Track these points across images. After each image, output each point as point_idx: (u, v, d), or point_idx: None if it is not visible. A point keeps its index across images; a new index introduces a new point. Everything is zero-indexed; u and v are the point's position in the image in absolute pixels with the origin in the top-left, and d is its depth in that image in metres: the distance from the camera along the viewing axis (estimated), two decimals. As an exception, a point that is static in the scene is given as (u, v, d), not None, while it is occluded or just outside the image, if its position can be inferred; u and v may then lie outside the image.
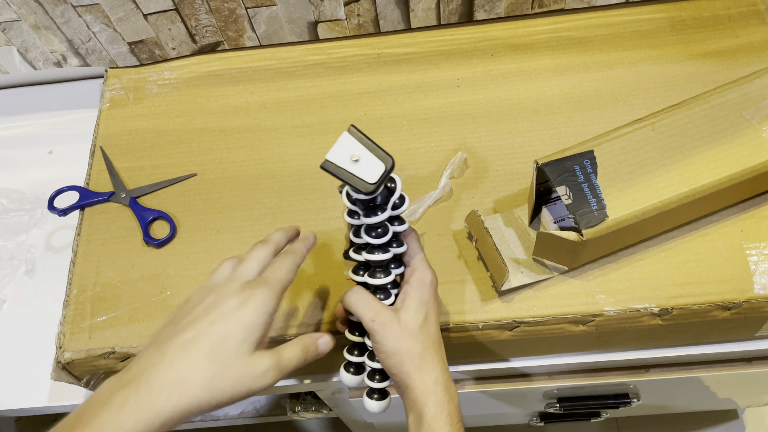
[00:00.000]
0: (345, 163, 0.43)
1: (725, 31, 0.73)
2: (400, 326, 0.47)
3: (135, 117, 0.75)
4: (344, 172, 0.43)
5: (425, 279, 0.50)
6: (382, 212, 0.46)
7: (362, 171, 0.43)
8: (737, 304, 0.57)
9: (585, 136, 0.58)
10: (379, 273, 0.50)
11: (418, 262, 0.51)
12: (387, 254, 0.49)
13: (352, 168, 0.43)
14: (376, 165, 0.43)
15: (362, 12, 0.74)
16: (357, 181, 0.43)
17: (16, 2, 0.69)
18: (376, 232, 0.48)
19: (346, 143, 0.44)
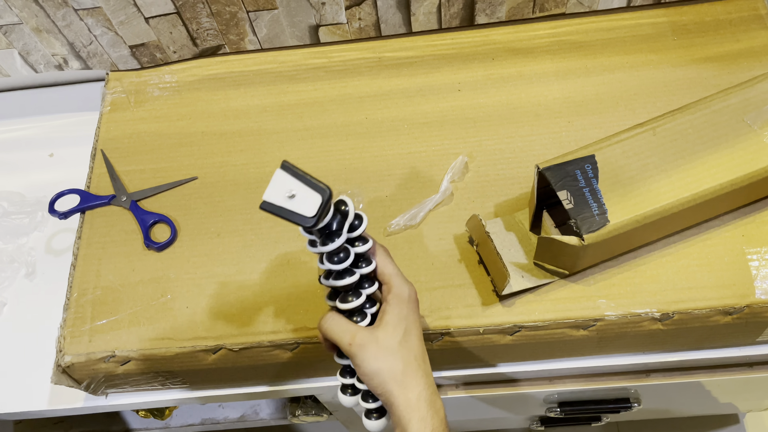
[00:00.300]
0: (282, 201, 0.43)
1: (726, 36, 0.73)
2: (378, 346, 0.47)
3: (136, 120, 0.75)
4: (283, 210, 0.43)
5: (402, 294, 0.49)
6: (338, 237, 0.46)
7: (300, 206, 0.43)
8: (738, 309, 0.57)
9: (586, 141, 0.58)
10: (349, 296, 0.49)
11: (392, 278, 0.50)
12: (353, 277, 0.48)
13: (290, 204, 0.43)
14: (313, 197, 0.43)
15: (363, 16, 0.74)
16: (296, 217, 0.43)
17: (18, 5, 0.69)
18: (337, 257, 0.47)
19: (281, 180, 0.43)
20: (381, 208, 0.65)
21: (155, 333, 0.61)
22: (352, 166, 0.69)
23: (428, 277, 0.61)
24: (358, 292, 0.50)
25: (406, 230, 0.64)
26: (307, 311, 0.60)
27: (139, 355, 0.60)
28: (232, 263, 0.64)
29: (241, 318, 0.61)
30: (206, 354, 0.60)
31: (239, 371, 0.63)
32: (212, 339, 0.60)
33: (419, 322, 0.50)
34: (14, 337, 0.68)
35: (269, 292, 0.62)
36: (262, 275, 0.63)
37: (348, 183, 0.67)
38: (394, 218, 0.64)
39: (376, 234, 0.64)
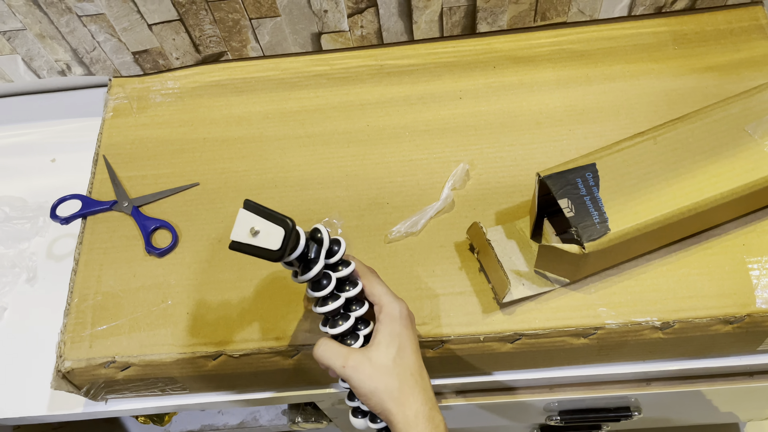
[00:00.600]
0: (247, 239, 0.45)
1: (727, 46, 0.73)
2: (372, 365, 0.48)
3: (138, 126, 0.75)
4: (249, 247, 0.45)
5: (393, 312, 0.50)
6: (315, 265, 0.47)
7: (264, 241, 0.45)
8: (739, 318, 0.57)
9: (587, 149, 0.58)
10: (338, 320, 0.50)
11: (381, 297, 0.51)
12: (338, 301, 0.49)
13: (255, 241, 0.45)
14: (276, 231, 0.45)
15: (365, 24, 0.74)
16: (263, 252, 0.45)
17: (22, 11, 0.69)
18: (319, 284, 0.49)
19: (244, 219, 0.45)
20: (382, 215, 0.66)
21: (156, 339, 0.61)
22: (353, 172, 0.69)
23: (429, 284, 0.61)
24: (346, 315, 0.51)
25: (407, 237, 0.64)
26: (307, 318, 0.60)
27: (139, 360, 0.60)
28: (232, 269, 0.64)
29: (241, 324, 0.61)
30: (206, 360, 0.60)
31: (239, 378, 0.63)
32: (212, 345, 0.60)
33: (414, 338, 0.50)
34: (14, 341, 0.68)
35: (270, 299, 0.62)
36: (262, 282, 0.63)
37: (349, 190, 0.67)
38: (395, 225, 0.64)
39: (377, 241, 0.64)
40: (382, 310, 0.50)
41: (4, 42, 0.73)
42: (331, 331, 0.50)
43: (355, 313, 0.51)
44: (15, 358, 0.67)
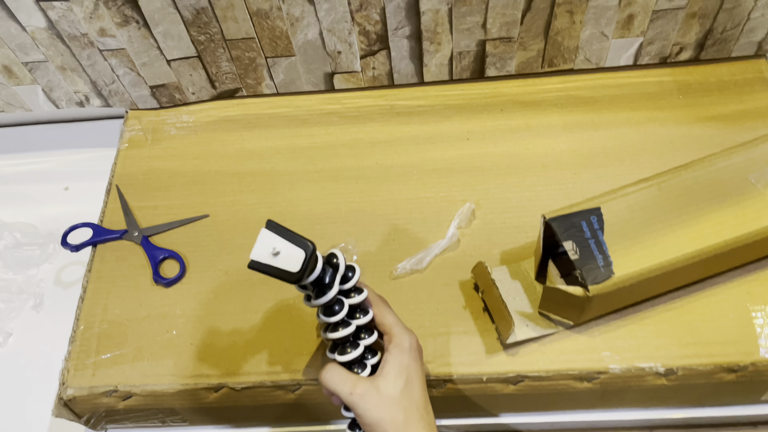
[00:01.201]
0: (268, 259, 0.45)
1: (731, 96, 0.75)
2: (379, 395, 0.47)
3: (152, 157, 0.76)
4: (269, 267, 0.45)
5: (403, 343, 0.49)
6: (329, 290, 0.48)
7: (284, 262, 0.45)
8: (743, 366, 0.56)
9: (592, 193, 0.59)
10: (347, 348, 0.50)
11: (392, 327, 0.50)
12: (348, 328, 0.49)
13: (275, 262, 0.45)
14: (297, 254, 0.45)
15: (377, 65, 0.76)
16: (282, 273, 0.45)
17: (45, 44, 0.72)
18: (332, 309, 0.49)
19: (266, 239, 0.45)
20: (388, 251, 0.66)
21: (158, 369, 0.61)
22: (360, 209, 0.70)
23: (433, 322, 0.61)
24: (356, 343, 0.50)
25: (412, 274, 0.64)
26: (310, 352, 0.60)
27: (141, 390, 0.60)
28: (238, 301, 0.64)
29: (244, 357, 0.61)
30: (208, 392, 0.60)
31: (240, 411, 0.63)
32: (215, 377, 0.60)
33: (422, 372, 0.50)
34: (18, 367, 0.68)
35: (274, 332, 0.62)
36: (267, 314, 0.63)
37: (356, 225, 0.68)
38: (401, 262, 0.65)
39: (382, 277, 0.64)
40: (392, 341, 0.50)
41: (26, 72, 0.75)
42: (339, 358, 0.50)
43: (365, 341, 0.51)
44: (18, 383, 0.67)
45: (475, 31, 0.72)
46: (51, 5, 0.67)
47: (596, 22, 0.72)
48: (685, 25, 0.73)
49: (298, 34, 0.72)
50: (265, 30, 0.72)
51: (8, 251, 0.75)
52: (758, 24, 0.73)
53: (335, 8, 0.69)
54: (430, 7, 0.69)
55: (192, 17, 0.70)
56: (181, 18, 0.70)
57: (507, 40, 0.73)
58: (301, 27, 0.71)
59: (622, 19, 0.71)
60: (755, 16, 0.72)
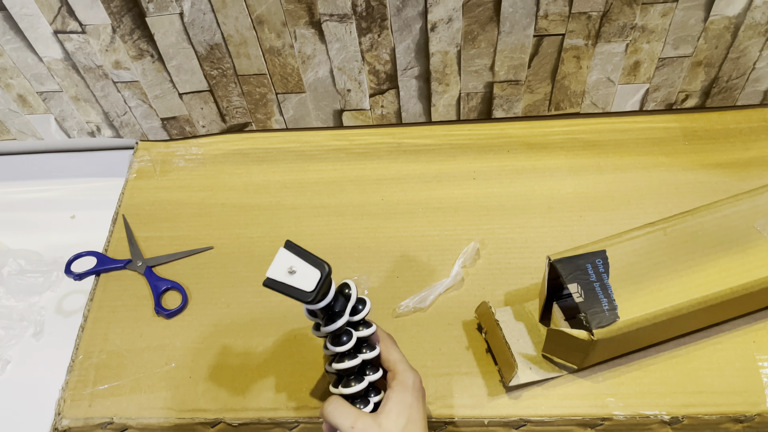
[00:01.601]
0: (283, 277, 0.45)
1: (736, 144, 0.75)
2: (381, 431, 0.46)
3: (159, 188, 0.77)
4: (284, 285, 0.45)
5: (407, 381, 0.49)
6: (340, 318, 0.47)
7: (300, 281, 0.45)
8: (749, 417, 0.55)
9: (597, 236, 0.59)
10: (352, 381, 0.49)
11: (396, 365, 0.50)
12: (355, 360, 0.49)
13: (290, 280, 0.45)
14: (313, 273, 0.45)
15: (386, 104, 0.77)
16: (296, 292, 0.45)
17: (60, 74, 0.73)
18: (339, 339, 0.48)
19: (283, 258, 0.45)
20: (391, 288, 0.66)
21: (156, 401, 0.60)
22: (365, 245, 0.70)
23: (435, 362, 0.60)
24: (360, 377, 0.50)
25: (415, 313, 0.64)
26: (309, 389, 0.60)
27: (137, 423, 0.59)
28: (238, 335, 0.64)
29: (243, 392, 0.60)
30: (205, 427, 0.59)
31: (236, 448, 0.62)
32: (212, 412, 0.59)
33: (424, 412, 0.49)
34: (15, 395, 0.67)
35: (273, 368, 0.61)
36: (267, 350, 0.63)
37: (360, 262, 0.68)
38: (404, 300, 0.64)
39: (385, 314, 0.64)
40: (395, 378, 0.49)
41: (40, 102, 0.77)
42: (343, 390, 0.49)
43: (370, 377, 0.50)
44: (14, 412, 0.66)
45: (483, 73, 0.73)
46: (68, 37, 0.68)
47: (603, 68, 0.73)
48: (691, 73, 0.74)
49: (309, 72, 0.74)
50: (277, 67, 0.73)
51: (12, 278, 0.75)
52: (763, 74, 0.74)
53: (346, 47, 0.70)
54: (439, 49, 0.70)
55: (205, 52, 0.71)
56: (195, 53, 0.71)
57: (514, 82, 0.75)
58: (312, 65, 0.73)
59: (629, 65, 0.73)
60: (760, 66, 0.73)
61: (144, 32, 0.68)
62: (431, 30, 0.68)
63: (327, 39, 0.70)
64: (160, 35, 0.69)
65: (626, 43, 0.70)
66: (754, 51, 0.71)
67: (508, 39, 0.69)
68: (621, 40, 0.70)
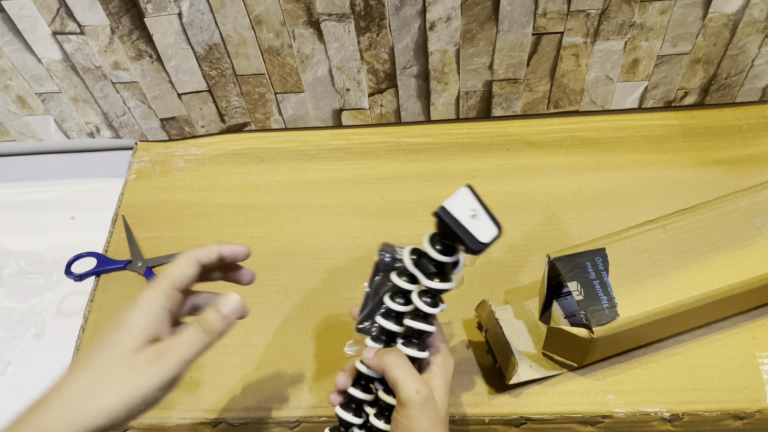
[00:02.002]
0: (461, 216, 0.42)
1: (735, 141, 0.75)
2: (436, 409, 0.44)
3: (159, 189, 0.77)
4: (458, 224, 0.42)
5: (449, 364, 0.47)
6: (449, 282, 0.45)
7: (476, 229, 0.42)
8: (749, 413, 0.55)
9: (596, 234, 0.59)
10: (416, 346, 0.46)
11: (442, 345, 0.48)
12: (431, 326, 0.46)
13: (468, 223, 0.42)
14: (490, 227, 0.42)
15: (385, 103, 0.77)
16: (470, 237, 0.42)
17: (60, 76, 0.73)
18: (435, 300, 0.45)
19: (464, 198, 0.42)
20: (391, 288, 0.66)
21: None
22: (365, 244, 0.70)
23: (435, 361, 0.60)
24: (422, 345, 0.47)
25: (416, 312, 0.64)
26: (310, 389, 0.60)
27: (138, 423, 0.59)
28: (238, 335, 0.64)
29: (243, 392, 0.60)
30: (205, 427, 0.59)
31: (238, 447, 0.62)
32: (213, 412, 0.59)
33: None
34: (15, 397, 0.67)
35: (274, 367, 0.61)
36: (268, 349, 0.63)
37: (360, 261, 0.68)
38: (404, 299, 0.64)
39: (385, 314, 0.64)
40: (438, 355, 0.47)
41: (39, 103, 0.77)
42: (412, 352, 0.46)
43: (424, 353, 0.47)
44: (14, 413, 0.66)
45: (482, 72, 0.74)
46: (67, 38, 0.68)
47: (602, 66, 0.73)
48: (690, 71, 0.74)
49: (308, 71, 0.74)
50: (276, 66, 0.73)
51: (12, 279, 0.75)
52: (762, 71, 0.74)
53: (345, 47, 0.70)
54: (438, 48, 0.70)
55: (204, 53, 0.71)
56: (194, 53, 0.71)
57: (513, 81, 0.75)
58: (311, 64, 0.73)
59: (628, 63, 0.73)
60: (759, 63, 0.73)
61: (143, 33, 0.68)
62: (430, 29, 0.68)
63: (326, 38, 0.70)
64: (159, 36, 0.69)
65: (625, 41, 0.70)
66: (752, 48, 0.71)
67: (507, 37, 0.69)
68: (620, 37, 0.70)
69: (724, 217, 0.58)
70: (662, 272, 0.55)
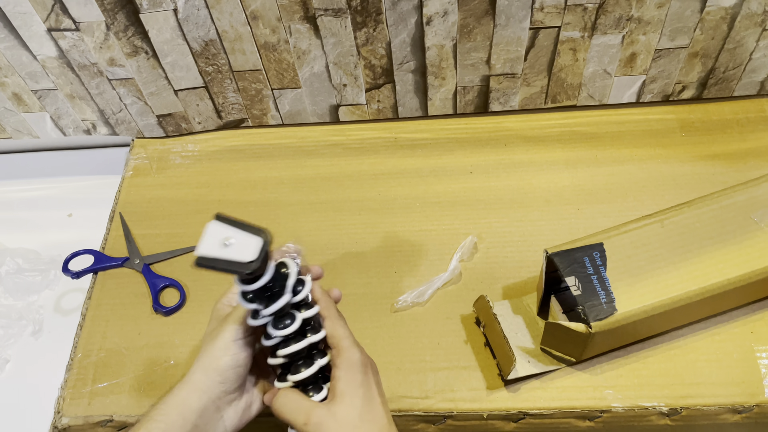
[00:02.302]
0: (218, 251, 0.39)
1: (733, 135, 0.75)
2: (337, 422, 0.42)
3: (156, 186, 0.77)
4: (220, 261, 0.39)
5: (352, 358, 0.45)
6: (281, 297, 0.43)
7: (238, 253, 0.39)
8: (747, 408, 0.56)
9: (594, 229, 0.59)
10: (301, 366, 0.45)
11: (341, 341, 0.46)
12: (302, 343, 0.45)
13: (227, 253, 0.39)
14: (253, 241, 0.39)
15: (382, 98, 0.77)
16: (235, 265, 0.39)
17: (55, 72, 0.73)
18: (283, 321, 0.44)
19: (215, 232, 0.40)
20: (389, 283, 0.66)
21: (155, 399, 0.60)
22: (363, 240, 0.70)
23: (433, 357, 0.60)
24: (309, 361, 0.46)
25: (414, 307, 0.64)
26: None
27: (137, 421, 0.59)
28: (238, 332, 0.64)
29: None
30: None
31: (236, 444, 0.62)
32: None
33: (379, 389, 0.46)
34: (14, 394, 0.68)
35: (273, 364, 0.61)
36: (267, 346, 0.63)
37: (358, 257, 0.68)
38: (402, 294, 0.64)
39: (383, 309, 0.64)
40: (340, 355, 0.45)
41: (35, 100, 0.76)
42: (293, 377, 0.45)
43: (320, 361, 0.46)
44: (13, 411, 0.67)
45: (479, 67, 0.73)
46: (62, 35, 0.68)
47: (599, 60, 0.73)
48: (688, 65, 0.74)
49: (304, 67, 0.73)
50: (272, 62, 0.73)
51: (9, 277, 0.75)
52: (760, 64, 0.74)
53: (342, 42, 0.70)
54: (435, 43, 0.70)
55: (200, 49, 0.71)
56: (190, 49, 0.71)
57: (511, 76, 0.74)
58: (307, 60, 0.72)
59: (625, 57, 0.72)
60: (757, 56, 0.73)
61: (138, 29, 0.68)
62: (427, 24, 0.68)
63: (322, 34, 0.69)
64: (155, 32, 0.69)
65: (622, 35, 0.70)
66: (750, 41, 0.71)
67: (504, 32, 0.69)
68: (617, 31, 0.70)
69: (722, 211, 0.58)
70: (660, 267, 0.55)
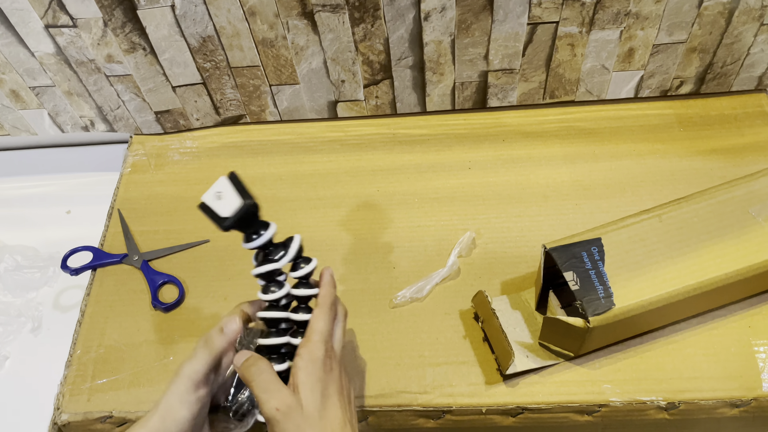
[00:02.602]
0: (211, 202, 0.45)
1: (731, 130, 0.75)
2: (302, 415, 0.42)
3: (154, 182, 0.77)
4: (209, 210, 0.45)
5: (315, 353, 0.45)
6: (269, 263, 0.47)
7: (222, 208, 0.44)
8: (745, 401, 0.56)
9: (593, 224, 0.59)
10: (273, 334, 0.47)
11: (313, 334, 0.45)
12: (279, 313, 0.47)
13: (215, 206, 0.45)
14: (234, 203, 0.44)
15: (380, 94, 0.77)
16: (214, 217, 0.45)
17: (53, 69, 0.73)
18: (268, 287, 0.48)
19: (220, 185, 0.46)
20: (388, 279, 0.66)
21: (155, 395, 0.60)
22: (361, 236, 0.70)
23: (432, 352, 0.61)
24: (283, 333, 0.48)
25: (412, 303, 0.64)
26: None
27: (137, 417, 0.59)
28: (237, 328, 0.64)
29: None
30: (204, 420, 0.59)
31: (236, 439, 0.62)
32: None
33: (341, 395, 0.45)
34: (13, 391, 0.68)
35: (272, 359, 0.61)
36: (266, 341, 0.63)
37: (356, 253, 0.68)
38: (401, 290, 0.64)
39: (382, 305, 0.64)
40: (305, 346, 0.45)
41: (33, 97, 0.76)
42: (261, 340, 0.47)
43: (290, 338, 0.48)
44: (13, 408, 0.67)
45: (477, 63, 0.73)
46: (60, 31, 0.68)
47: (597, 55, 0.73)
48: (686, 60, 0.74)
49: (302, 63, 0.73)
50: (270, 58, 0.73)
51: (8, 274, 0.75)
52: (758, 59, 0.74)
53: (339, 38, 0.70)
54: (433, 38, 0.70)
55: (198, 45, 0.71)
56: (188, 46, 0.71)
57: (509, 71, 0.74)
58: (305, 56, 0.72)
59: (623, 52, 0.72)
60: (755, 51, 0.73)
61: (136, 25, 0.68)
62: (424, 19, 0.68)
63: (320, 30, 0.69)
64: (152, 28, 0.68)
65: (620, 30, 0.70)
66: (748, 36, 0.71)
67: (502, 27, 0.69)
68: (615, 27, 0.69)
69: (720, 206, 0.58)
70: (658, 261, 0.55)
